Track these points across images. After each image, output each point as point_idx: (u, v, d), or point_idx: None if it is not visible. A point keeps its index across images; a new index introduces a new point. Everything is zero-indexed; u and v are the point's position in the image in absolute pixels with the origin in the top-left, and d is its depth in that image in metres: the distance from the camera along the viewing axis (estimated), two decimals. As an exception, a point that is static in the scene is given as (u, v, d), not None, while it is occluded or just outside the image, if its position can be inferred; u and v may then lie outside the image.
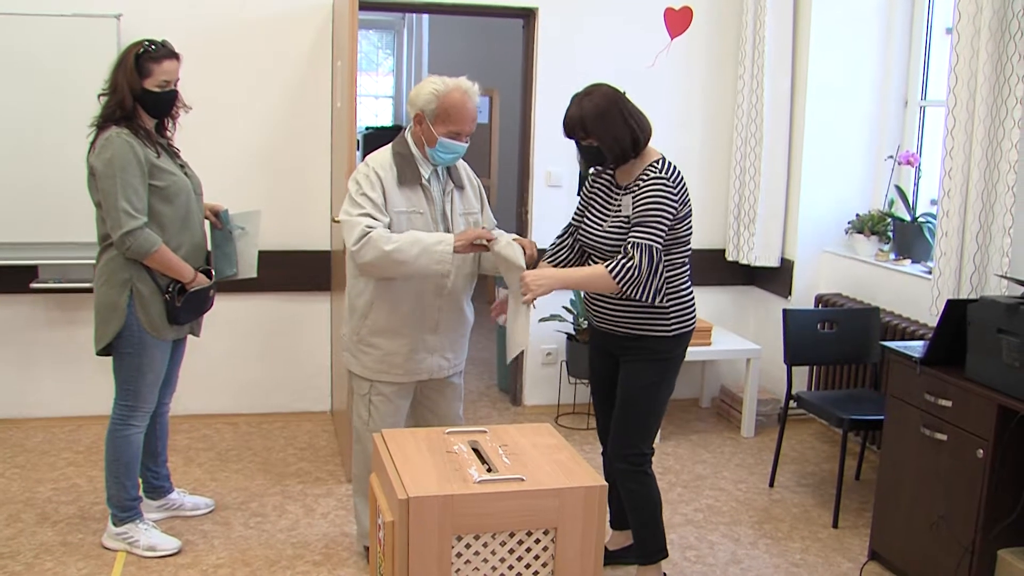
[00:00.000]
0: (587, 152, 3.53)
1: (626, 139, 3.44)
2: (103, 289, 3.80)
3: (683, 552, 4.13)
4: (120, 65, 3.75)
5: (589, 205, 3.69)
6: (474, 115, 3.57)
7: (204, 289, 3.93)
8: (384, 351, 3.67)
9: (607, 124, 3.42)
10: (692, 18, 5.75)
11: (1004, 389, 3.32)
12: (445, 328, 3.73)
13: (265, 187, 5.38)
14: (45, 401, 5.36)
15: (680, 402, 6.11)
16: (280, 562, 3.92)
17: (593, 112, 3.43)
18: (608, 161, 3.52)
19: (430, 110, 3.52)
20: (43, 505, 4.35)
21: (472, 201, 3.78)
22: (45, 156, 4.91)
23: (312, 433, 5.40)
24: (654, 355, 3.58)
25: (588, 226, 3.63)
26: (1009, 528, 3.38)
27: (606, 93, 3.49)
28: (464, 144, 3.58)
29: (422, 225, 3.57)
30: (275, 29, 5.29)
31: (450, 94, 3.51)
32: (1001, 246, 4.11)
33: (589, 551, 2.51)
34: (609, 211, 3.57)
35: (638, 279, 3.36)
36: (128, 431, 3.90)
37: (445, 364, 3.80)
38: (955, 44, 4.26)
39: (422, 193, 3.60)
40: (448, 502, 2.38)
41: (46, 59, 4.88)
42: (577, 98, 3.49)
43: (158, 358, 3.89)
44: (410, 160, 3.59)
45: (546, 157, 5.71)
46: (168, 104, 3.86)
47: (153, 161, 3.73)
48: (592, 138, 3.45)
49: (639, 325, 3.55)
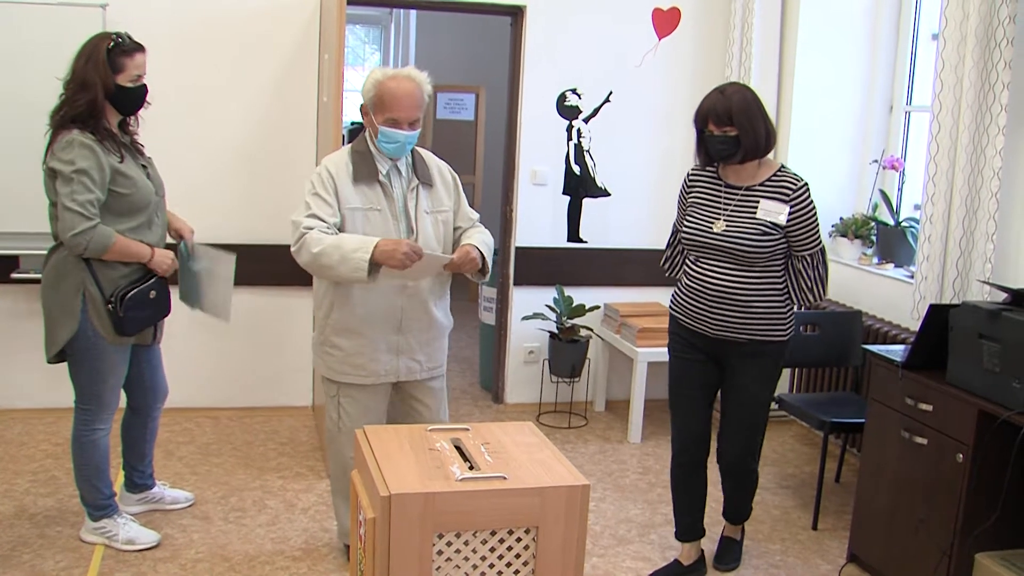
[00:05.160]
0: (718, 143, 3.52)
1: (763, 135, 3.50)
2: (52, 292, 3.66)
3: (663, 552, 4.14)
4: (89, 60, 3.55)
5: (694, 206, 3.70)
6: (413, 101, 3.47)
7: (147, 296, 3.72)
8: (346, 351, 3.62)
9: (751, 115, 3.48)
10: (680, 19, 5.76)
11: (984, 394, 3.34)
12: (410, 329, 3.65)
13: (250, 180, 5.37)
14: (24, 392, 5.33)
15: (661, 402, 6.09)
16: (259, 557, 3.91)
17: (741, 102, 3.47)
18: (737, 156, 3.51)
19: (369, 99, 3.51)
20: (21, 497, 4.32)
21: (443, 198, 3.70)
22: (27, 146, 4.86)
23: (293, 428, 5.39)
24: (776, 358, 3.70)
25: (696, 226, 3.65)
26: (987, 532, 3.39)
27: (746, 88, 3.57)
28: (406, 132, 3.49)
29: (380, 222, 3.52)
30: (262, 22, 5.27)
31: (386, 82, 3.47)
32: (984, 252, 4.13)
33: (570, 550, 2.51)
34: (719, 211, 3.61)
35: (827, 284, 3.64)
36: (94, 435, 3.81)
37: (415, 367, 3.71)
38: (941, 50, 4.28)
39: (380, 189, 3.55)
40: (430, 499, 2.37)
41: (31, 48, 4.84)
42: (717, 91, 3.53)
43: (118, 361, 3.77)
44: (367, 156, 3.56)
45: (532, 155, 5.71)
46: (140, 100, 3.70)
47: (116, 166, 3.58)
48: (733, 128, 3.47)
49: (763, 330, 3.60)
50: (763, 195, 3.56)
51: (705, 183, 3.70)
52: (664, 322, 5.54)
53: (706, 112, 3.52)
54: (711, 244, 3.59)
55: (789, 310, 3.66)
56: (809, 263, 3.60)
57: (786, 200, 3.53)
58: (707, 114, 3.52)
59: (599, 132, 5.78)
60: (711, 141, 3.54)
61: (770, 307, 3.59)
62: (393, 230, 3.54)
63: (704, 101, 3.55)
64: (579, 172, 5.79)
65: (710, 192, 3.67)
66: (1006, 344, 3.25)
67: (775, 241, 3.54)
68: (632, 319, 5.53)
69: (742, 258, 3.55)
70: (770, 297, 3.60)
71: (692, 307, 3.69)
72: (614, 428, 5.67)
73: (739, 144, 3.49)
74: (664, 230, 5.94)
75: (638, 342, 5.40)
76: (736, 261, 3.56)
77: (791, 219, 3.52)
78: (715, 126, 3.50)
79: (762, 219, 3.53)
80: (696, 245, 3.65)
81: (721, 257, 3.59)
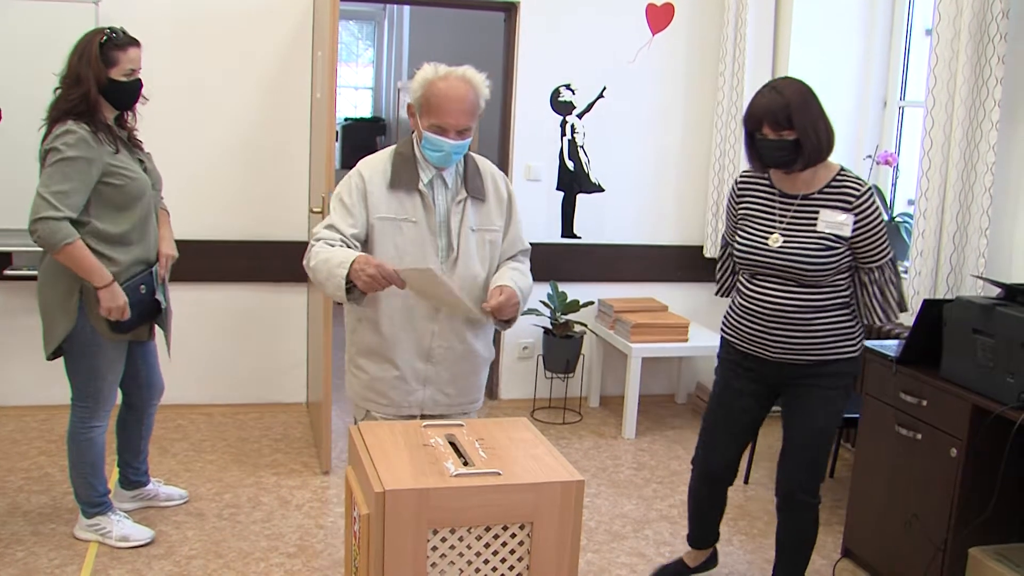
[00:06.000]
0: (774, 150, 3.13)
1: (824, 136, 3.13)
2: (48, 289, 3.65)
3: (658, 548, 4.14)
4: (82, 55, 3.56)
5: (746, 218, 3.34)
6: (464, 107, 3.01)
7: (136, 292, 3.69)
8: (370, 375, 3.15)
9: (812, 116, 3.10)
10: (674, 15, 5.76)
11: (978, 389, 3.34)
12: (442, 358, 3.14)
13: (243, 176, 5.36)
14: (18, 389, 5.32)
15: (656, 398, 6.13)
16: (254, 554, 3.90)
17: (800, 101, 3.09)
18: (797, 163, 3.14)
19: (416, 99, 3.05)
20: (14, 495, 4.31)
21: (493, 215, 3.17)
22: (20, 142, 4.85)
23: (287, 424, 5.38)
24: (845, 379, 3.32)
25: (750, 241, 3.29)
26: (981, 527, 3.40)
27: (801, 83, 3.17)
28: (453, 141, 2.99)
29: (413, 235, 3.04)
30: (255, 17, 5.26)
31: (436, 82, 3.00)
32: (977, 247, 4.14)
33: (565, 546, 2.51)
34: (774, 223, 3.25)
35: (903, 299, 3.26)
36: (91, 432, 3.81)
37: (443, 399, 3.18)
38: (934, 45, 4.28)
39: (419, 199, 3.05)
40: (424, 495, 2.37)
41: (23, 44, 4.83)
42: (768, 88, 3.16)
43: (115, 358, 3.77)
44: (409, 161, 3.08)
45: (526, 151, 5.71)
46: (134, 94, 3.69)
47: (109, 161, 3.56)
48: (792, 131, 3.08)
49: (830, 348, 3.26)
50: (823, 204, 3.19)
51: (757, 191, 3.33)
52: (658, 317, 5.56)
53: (761, 114, 3.11)
54: (767, 261, 3.23)
55: (857, 323, 3.31)
56: (878, 276, 3.22)
57: (849, 208, 3.16)
58: (762, 116, 3.11)
59: (593, 128, 5.78)
60: (766, 147, 3.15)
61: (836, 323, 3.25)
62: (430, 246, 3.06)
63: (757, 100, 3.14)
64: (573, 168, 5.79)
65: (763, 202, 3.30)
66: (1000, 339, 3.25)
67: (839, 255, 3.18)
68: (626, 315, 5.53)
69: (803, 276, 3.19)
70: (835, 313, 3.25)
71: (747, 329, 3.33)
72: (608, 424, 5.68)
73: (799, 149, 3.10)
74: (657, 225, 6.00)
75: (632, 338, 5.40)
76: (796, 279, 3.21)
77: (856, 229, 3.16)
78: (771, 129, 3.11)
79: (823, 232, 3.16)
80: (750, 262, 3.28)
81: (779, 275, 3.23)
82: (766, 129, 3.12)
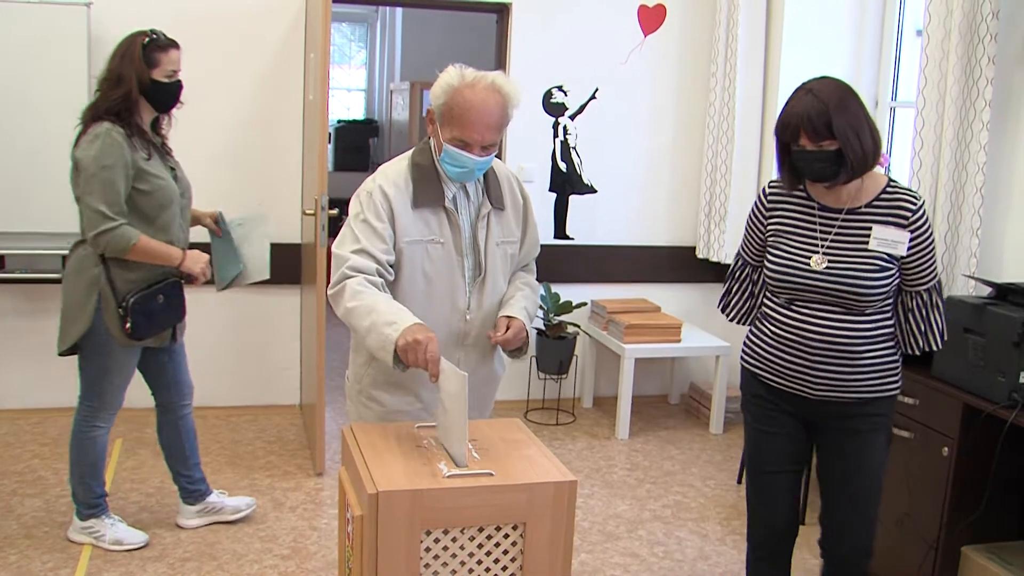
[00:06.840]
0: (814, 162, 2.72)
1: (870, 144, 2.73)
2: (70, 287, 3.68)
3: (651, 548, 4.15)
4: (124, 55, 3.61)
5: (780, 235, 2.92)
6: (491, 121, 2.64)
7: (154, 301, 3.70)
8: (388, 408, 2.89)
9: (856, 121, 2.69)
10: (665, 16, 5.77)
11: (970, 388, 3.36)
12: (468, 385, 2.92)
13: (235, 179, 5.35)
14: (11, 393, 5.31)
15: (649, 398, 6.14)
16: (248, 556, 3.90)
17: (840, 105, 2.68)
18: (840, 176, 2.73)
19: (437, 106, 2.70)
20: (7, 498, 4.31)
21: (512, 225, 2.90)
22: (12, 145, 4.85)
23: (281, 427, 5.38)
24: (887, 419, 2.95)
25: (788, 262, 2.86)
26: (973, 525, 3.42)
27: (840, 83, 2.76)
28: (476, 158, 2.67)
29: (441, 257, 2.76)
30: (247, 19, 5.26)
31: (463, 90, 2.64)
32: (969, 246, 4.15)
33: (558, 546, 2.51)
34: (816, 242, 2.83)
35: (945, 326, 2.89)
36: (94, 432, 3.82)
37: None
38: (925, 46, 4.30)
39: (444, 216, 2.76)
40: (417, 496, 2.37)
41: (14, 47, 4.82)
42: (805, 91, 2.74)
43: (127, 362, 3.78)
44: (431, 174, 2.75)
45: (518, 152, 5.71)
46: (174, 95, 3.72)
47: (140, 165, 3.58)
48: (834, 141, 2.67)
49: (876, 384, 2.87)
50: (874, 219, 2.80)
51: (792, 203, 2.91)
52: (651, 318, 5.57)
53: (798, 122, 2.70)
54: (809, 285, 2.81)
55: (900, 356, 2.92)
56: (926, 299, 2.85)
57: (905, 224, 2.77)
58: (800, 125, 2.69)
59: (585, 129, 5.79)
60: (804, 159, 2.73)
61: (882, 356, 2.86)
62: (458, 268, 2.80)
63: (792, 106, 2.73)
64: (565, 169, 5.80)
65: (800, 216, 2.88)
66: (991, 338, 3.27)
67: (892, 277, 2.80)
68: (619, 316, 5.54)
69: (852, 301, 2.79)
70: (881, 344, 2.86)
71: (785, 363, 2.90)
72: (602, 425, 5.68)
73: (842, 160, 2.69)
74: (651, 226, 6.01)
75: (625, 339, 5.41)
76: (844, 304, 2.80)
77: (911, 249, 2.78)
78: (810, 140, 2.70)
79: (877, 250, 2.77)
80: (788, 286, 2.85)
81: (823, 300, 2.81)
82: (804, 139, 2.71)
